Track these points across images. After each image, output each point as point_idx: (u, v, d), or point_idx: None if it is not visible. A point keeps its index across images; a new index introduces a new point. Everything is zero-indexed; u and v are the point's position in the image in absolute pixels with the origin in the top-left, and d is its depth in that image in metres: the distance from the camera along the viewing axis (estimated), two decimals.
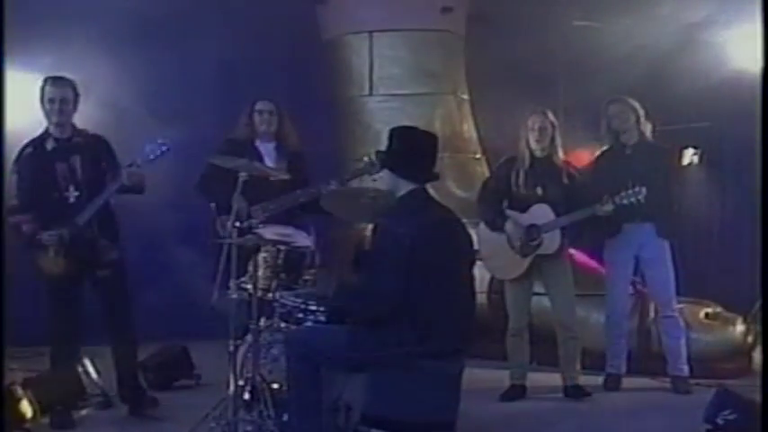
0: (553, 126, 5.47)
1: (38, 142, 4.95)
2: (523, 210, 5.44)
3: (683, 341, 5.71)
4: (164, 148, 4.79)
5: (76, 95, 4.95)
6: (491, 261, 5.52)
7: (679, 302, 5.82)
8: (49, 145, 4.93)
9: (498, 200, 5.54)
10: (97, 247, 4.91)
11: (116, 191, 4.86)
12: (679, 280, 5.74)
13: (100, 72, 6.30)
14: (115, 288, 5.01)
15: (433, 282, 3.74)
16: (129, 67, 6.58)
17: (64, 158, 4.90)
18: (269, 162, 5.34)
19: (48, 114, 4.91)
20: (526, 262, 5.43)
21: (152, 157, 4.79)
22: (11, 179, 4.88)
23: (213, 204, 5.24)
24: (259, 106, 5.50)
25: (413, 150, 3.94)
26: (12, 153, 4.95)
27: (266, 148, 5.46)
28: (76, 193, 4.87)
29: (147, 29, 6.91)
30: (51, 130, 4.95)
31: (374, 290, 3.79)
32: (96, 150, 4.99)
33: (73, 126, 4.98)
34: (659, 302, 5.81)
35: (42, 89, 4.90)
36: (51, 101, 4.87)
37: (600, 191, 5.35)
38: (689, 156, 6.97)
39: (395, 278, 3.71)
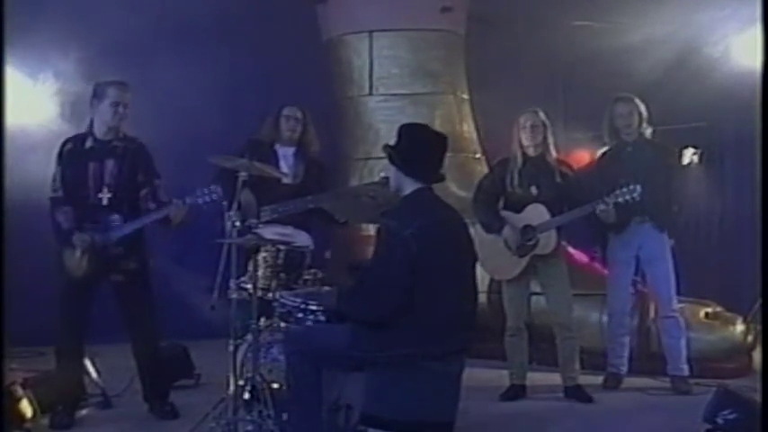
0: (545, 125, 5.45)
1: (78, 139, 4.95)
2: (518, 210, 5.43)
3: (683, 341, 5.71)
4: (214, 196, 4.73)
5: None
6: (488, 262, 5.49)
7: (679, 302, 5.81)
8: (88, 143, 4.92)
9: (493, 201, 5.54)
10: (114, 254, 4.89)
11: (156, 220, 4.88)
12: (680, 279, 5.73)
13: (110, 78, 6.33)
14: (131, 295, 4.99)
15: (436, 282, 3.72)
16: (131, 71, 6.57)
17: (98, 159, 4.89)
18: (285, 166, 5.35)
19: (106, 116, 4.88)
20: (523, 262, 5.43)
21: (200, 201, 4.76)
22: (56, 170, 4.91)
23: (225, 202, 5.23)
24: (286, 111, 5.52)
25: (423, 149, 3.89)
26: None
27: (285, 152, 5.47)
28: (109, 195, 4.86)
29: (147, 31, 6.91)
30: (96, 130, 4.92)
31: (379, 292, 3.76)
32: (135, 159, 4.96)
33: (116, 130, 4.95)
34: (659, 302, 5.80)
35: (103, 92, 4.87)
36: (116, 104, 4.85)
37: (600, 189, 5.35)
38: (689, 155, 6.99)
39: (400, 279, 3.69)
